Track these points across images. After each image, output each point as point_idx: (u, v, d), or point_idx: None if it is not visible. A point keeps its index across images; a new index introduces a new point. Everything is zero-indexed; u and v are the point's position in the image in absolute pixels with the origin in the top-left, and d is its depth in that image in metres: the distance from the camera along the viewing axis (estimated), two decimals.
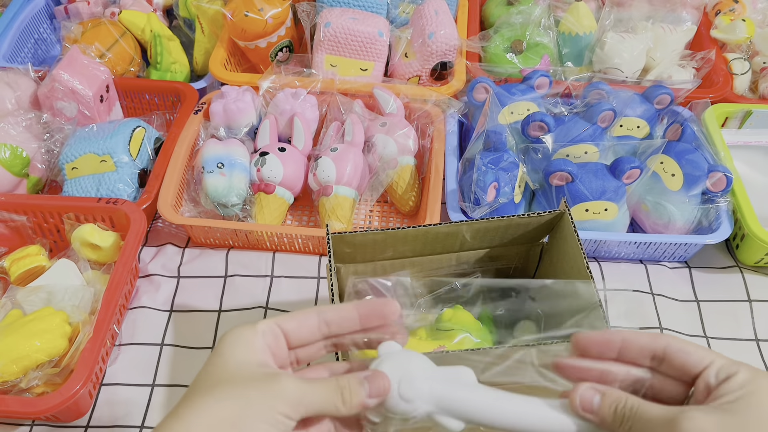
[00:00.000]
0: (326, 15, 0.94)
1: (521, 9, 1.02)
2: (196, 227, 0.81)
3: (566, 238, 0.58)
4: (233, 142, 0.85)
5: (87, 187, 0.82)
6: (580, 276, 0.55)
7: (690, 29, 1.00)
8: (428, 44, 0.94)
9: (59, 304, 0.69)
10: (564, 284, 0.53)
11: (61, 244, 0.81)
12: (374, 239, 0.58)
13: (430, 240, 0.60)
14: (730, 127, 0.94)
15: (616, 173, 0.77)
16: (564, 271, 0.60)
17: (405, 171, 0.86)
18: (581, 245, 0.56)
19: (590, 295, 0.53)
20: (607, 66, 0.96)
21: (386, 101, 0.89)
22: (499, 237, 0.62)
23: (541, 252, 0.65)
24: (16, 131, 0.85)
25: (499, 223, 0.59)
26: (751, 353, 0.75)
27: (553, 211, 0.59)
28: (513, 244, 0.63)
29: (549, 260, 0.64)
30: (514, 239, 0.62)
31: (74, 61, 0.88)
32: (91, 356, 0.64)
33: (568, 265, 0.58)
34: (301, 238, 0.80)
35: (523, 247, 0.64)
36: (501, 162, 0.77)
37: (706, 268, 0.83)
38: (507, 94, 0.86)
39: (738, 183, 0.81)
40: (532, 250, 0.65)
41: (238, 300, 0.78)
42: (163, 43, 1.01)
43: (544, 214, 0.59)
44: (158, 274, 0.81)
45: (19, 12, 1.06)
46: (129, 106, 0.99)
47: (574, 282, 0.54)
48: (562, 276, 0.60)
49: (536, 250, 0.65)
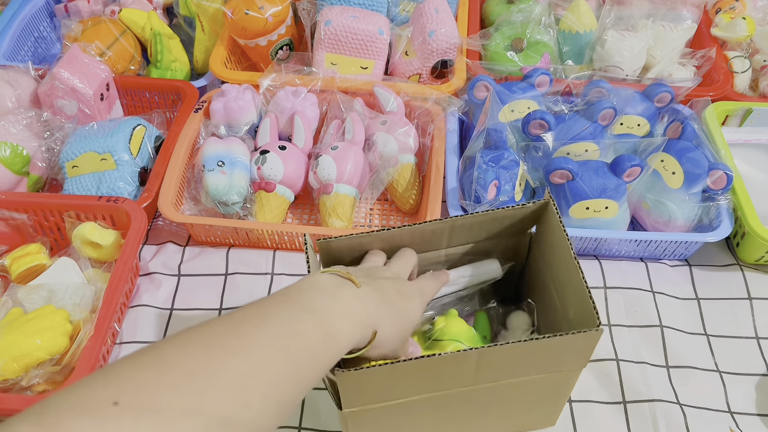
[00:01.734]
0: (326, 13, 0.93)
1: (522, 7, 1.02)
2: (196, 225, 0.81)
3: (552, 228, 0.59)
4: (234, 141, 0.85)
5: (87, 185, 0.82)
6: (568, 266, 0.55)
7: (690, 27, 1.00)
8: (429, 42, 0.94)
9: (60, 302, 0.69)
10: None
11: (62, 243, 0.81)
12: (360, 242, 0.58)
13: (417, 238, 0.60)
14: (731, 125, 0.94)
15: (616, 171, 0.77)
16: (553, 262, 0.60)
17: (405, 169, 0.86)
18: (567, 234, 0.56)
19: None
20: (607, 64, 0.96)
21: (387, 99, 0.89)
22: (486, 230, 0.62)
23: (530, 242, 0.66)
24: (16, 129, 0.85)
25: (484, 217, 0.59)
26: (751, 351, 0.75)
27: (537, 202, 0.59)
28: (501, 236, 0.63)
29: (538, 250, 0.64)
30: (502, 231, 0.62)
31: (74, 60, 0.88)
32: (92, 354, 0.64)
33: (557, 255, 0.58)
34: (302, 237, 0.80)
35: (512, 238, 0.64)
36: (501, 160, 0.77)
37: (707, 266, 0.83)
38: (507, 92, 0.86)
39: (738, 181, 0.81)
40: (521, 241, 0.65)
41: (239, 298, 0.78)
42: (163, 42, 1.01)
43: (529, 204, 0.59)
44: (159, 273, 0.81)
45: (19, 10, 1.06)
46: (129, 105, 0.99)
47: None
48: (552, 266, 0.61)
49: (525, 240, 0.66)
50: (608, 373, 0.71)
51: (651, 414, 0.68)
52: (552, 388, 0.59)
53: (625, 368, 0.72)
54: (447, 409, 0.57)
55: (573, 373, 0.57)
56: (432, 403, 0.55)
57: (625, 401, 0.70)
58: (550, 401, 0.62)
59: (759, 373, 0.73)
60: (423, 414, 0.57)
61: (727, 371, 0.73)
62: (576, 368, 0.56)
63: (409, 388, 0.52)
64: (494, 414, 0.61)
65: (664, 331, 0.76)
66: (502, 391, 0.57)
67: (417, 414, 0.57)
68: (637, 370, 0.72)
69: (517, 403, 0.60)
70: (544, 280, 0.64)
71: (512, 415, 0.63)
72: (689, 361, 0.73)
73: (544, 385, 0.57)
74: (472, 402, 0.57)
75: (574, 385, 0.59)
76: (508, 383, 0.55)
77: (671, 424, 0.68)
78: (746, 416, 0.69)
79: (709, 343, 0.76)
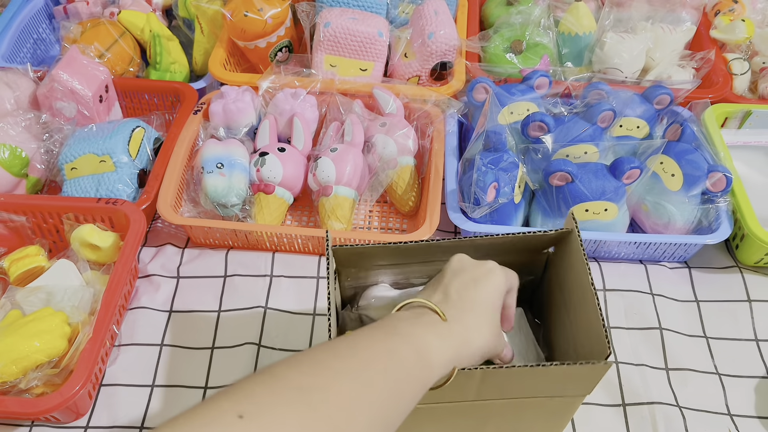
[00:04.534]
0: (326, 15, 0.93)
1: (521, 9, 1.02)
2: (195, 227, 0.81)
3: (572, 253, 0.58)
4: (233, 143, 0.85)
5: (86, 187, 0.82)
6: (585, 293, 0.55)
7: (689, 29, 1.00)
8: (428, 44, 0.94)
9: (59, 304, 0.69)
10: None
11: (61, 245, 0.81)
12: (373, 252, 0.57)
13: (431, 252, 0.59)
14: (730, 128, 0.94)
15: (616, 173, 0.77)
16: (569, 286, 0.59)
17: (405, 171, 0.86)
18: (587, 262, 0.55)
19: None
20: (606, 66, 0.96)
21: (386, 101, 0.89)
22: (501, 250, 0.61)
23: (547, 260, 0.65)
24: (15, 131, 0.84)
25: (504, 240, 0.58)
26: (750, 353, 0.75)
27: (560, 230, 0.58)
28: (515, 253, 0.63)
29: (555, 270, 0.64)
30: (518, 250, 0.62)
31: (73, 61, 0.88)
32: (90, 357, 0.64)
33: (573, 280, 0.58)
34: (301, 239, 0.80)
35: (527, 255, 0.64)
36: (501, 162, 0.77)
37: (706, 268, 0.83)
38: (507, 94, 0.86)
39: (738, 183, 0.81)
40: (537, 259, 0.65)
41: (238, 300, 0.78)
42: (162, 43, 1.01)
43: (551, 233, 0.58)
44: (158, 275, 0.81)
45: (18, 12, 1.06)
46: (128, 107, 0.99)
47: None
48: (567, 287, 0.60)
49: (541, 258, 0.65)
50: (607, 376, 0.71)
51: (650, 416, 0.68)
52: (554, 411, 0.58)
53: (624, 371, 0.72)
54: (446, 420, 0.57)
55: (577, 399, 0.56)
56: (432, 414, 0.55)
57: (624, 404, 0.69)
58: (551, 424, 0.61)
59: (758, 375, 0.73)
60: (422, 423, 0.57)
61: (727, 373, 0.73)
62: (580, 395, 0.55)
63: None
64: (492, 429, 0.60)
65: (663, 333, 0.76)
66: (502, 409, 0.56)
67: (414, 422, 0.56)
68: (637, 372, 0.72)
69: (517, 422, 0.59)
70: (556, 302, 0.63)
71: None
72: (688, 364, 0.73)
73: (546, 408, 0.56)
74: (471, 416, 0.57)
75: (576, 410, 0.58)
76: (509, 402, 0.54)
77: (671, 426, 0.67)
78: (746, 418, 0.69)
79: (709, 346, 0.76)
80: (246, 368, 0.72)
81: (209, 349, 0.74)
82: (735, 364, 0.74)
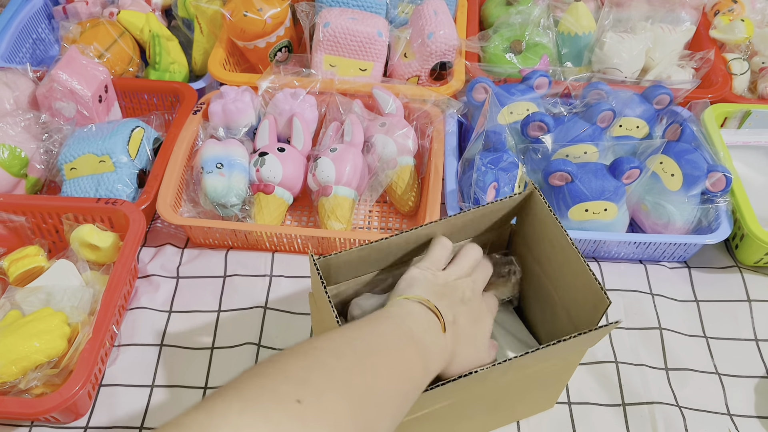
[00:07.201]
0: (325, 15, 0.93)
1: (520, 9, 1.02)
2: (195, 228, 0.80)
3: (537, 215, 0.59)
4: (232, 143, 0.85)
5: (86, 187, 0.82)
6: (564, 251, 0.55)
7: (689, 29, 1.00)
8: (427, 44, 0.94)
9: (58, 304, 0.69)
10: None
11: (60, 245, 0.81)
12: (359, 255, 0.57)
13: (412, 244, 0.59)
14: (729, 127, 0.94)
15: (615, 173, 0.77)
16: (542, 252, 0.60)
17: (404, 171, 0.86)
18: (557, 218, 0.55)
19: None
20: (606, 66, 0.96)
21: (385, 101, 0.89)
22: (474, 228, 0.62)
23: (510, 234, 0.66)
24: (14, 131, 0.84)
25: (474, 213, 0.59)
26: (750, 353, 0.75)
27: (523, 192, 0.59)
28: (486, 232, 0.63)
29: (521, 241, 0.64)
30: (489, 227, 0.63)
31: (73, 61, 0.88)
32: (90, 357, 0.64)
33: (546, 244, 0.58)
34: (301, 239, 0.80)
35: (494, 232, 0.64)
36: (500, 162, 0.77)
37: (706, 268, 0.83)
38: (506, 94, 0.86)
39: (737, 183, 0.81)
40: (502, 234, 0.66)
41: (237, 300, 0.78)
42: (161, 43, 1.01)
43: (515, 196, 0.59)
44: (157, 275, 0.81)
45: (17, 12, 1.06)
46: (128, 107, 0.99)
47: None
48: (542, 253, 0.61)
49: (505, 233, 0.66)
50: (607, 376, 0.71)
51: (650, 416, 0.68)
52: (554, 373, 0.60)
53: (624, 370, 0.72)
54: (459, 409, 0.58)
55: (577, 357, 0.57)
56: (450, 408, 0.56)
57: (624, 403, 0.70)
58: (551, 386, 0.63)
59: (758, 375, 0.73)
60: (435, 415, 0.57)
61: (726, 373, 0.73)
62: (580, 355, 0.56)
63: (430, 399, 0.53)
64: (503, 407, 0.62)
65: (663, 333, 0.76)
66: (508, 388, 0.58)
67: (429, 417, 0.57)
68: (637, 372, 0.72)
69: (521, 394, 0.61)
70: (535, 279, 0.64)
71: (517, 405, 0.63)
72: (688, 364, 0.73)
73: (547, 372, 0.58)
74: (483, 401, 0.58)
75: (575, 369, 0.60)
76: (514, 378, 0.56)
77: (670, 426, 0.67)
78: (745, 418, 0.69)
79: (708, 346, 0.76)
80: (246, 368, 0.72)
81: (209, 349, 0.74)
82: (735, 364, 0.74)
